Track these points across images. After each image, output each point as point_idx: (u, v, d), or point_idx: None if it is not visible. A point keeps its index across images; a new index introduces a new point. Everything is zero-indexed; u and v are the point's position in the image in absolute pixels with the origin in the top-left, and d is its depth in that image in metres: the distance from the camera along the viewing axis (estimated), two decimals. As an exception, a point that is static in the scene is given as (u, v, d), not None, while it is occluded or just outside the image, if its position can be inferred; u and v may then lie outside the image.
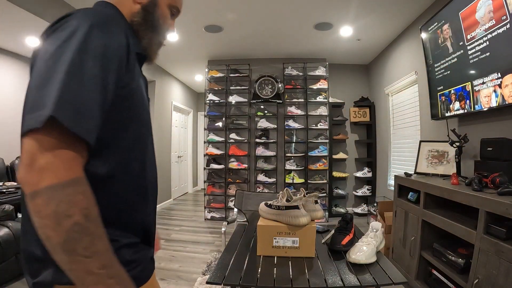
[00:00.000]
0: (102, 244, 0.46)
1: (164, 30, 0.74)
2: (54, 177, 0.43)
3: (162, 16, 0.72)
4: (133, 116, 0.60)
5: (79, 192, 0.45)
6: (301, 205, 1.15)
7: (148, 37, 0.70)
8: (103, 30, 0.53)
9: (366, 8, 2.89)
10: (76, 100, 0.46)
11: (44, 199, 0.42)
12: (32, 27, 2.61)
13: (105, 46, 0.52)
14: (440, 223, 1.74)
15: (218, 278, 0.98)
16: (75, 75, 0.46)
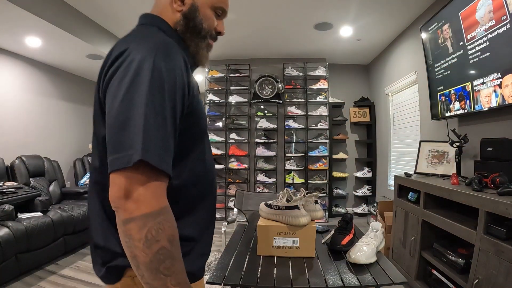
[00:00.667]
0: (179, 265, 0.52)
1: (210, 32, 0.74)
2: (148, 207, 0.49)
3: (206, 19, 0.71)
4: (198, 129, 0.66)
5: (167, 220, 0.51)
6: (301, 205, 1.15)
7: (194, 42, 0.71)
8: (166, 62, 0.56)
9: (366, 8, 2.89)
10: (158, 140, 0.51)
11: (138, 224, 0.49)
12: (32, 27, 2.61)
13: (170, 80, 0.55)
14: (440, 223, 1.74)
15: (218, 278, 0.98)
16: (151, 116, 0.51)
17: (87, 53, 3.38)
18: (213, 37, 0.76)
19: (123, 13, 3.00)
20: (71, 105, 4.26)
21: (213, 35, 0.75)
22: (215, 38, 0.77)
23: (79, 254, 2.83)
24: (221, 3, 0.74)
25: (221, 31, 0.76)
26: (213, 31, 0.75)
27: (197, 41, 0.72)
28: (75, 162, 4.03)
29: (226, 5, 0.76)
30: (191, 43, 0.71)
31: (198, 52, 0.73)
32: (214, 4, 0.72)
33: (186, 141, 0.62)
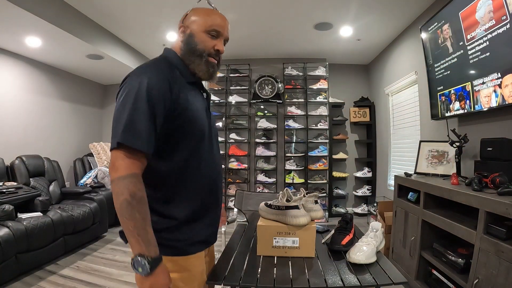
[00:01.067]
0: (138, 214, 0.74)
1: (207, 51, 0.92)
2: (120, 173, 0.75)
3: (200, 41, 0.92)
4: (187, 131, 0.87)
5: (131, 182, 0.75)
6: (301, 205, 1.15)
7: (193, 61, 0.92)
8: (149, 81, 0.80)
9: (366, 8, 2.89)
10: (135, 130, 0.76)
11: (114, 184, 0.75)
12: (32, 27, 2.61)
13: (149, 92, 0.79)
14: (440, 223, 1.74)
15: (218, 278, 0.98)
16: (132, 115, 0.77)
17: (87, 53, 3.38)
18: (212, 55, 0.94)
19: (123, 13, 3.00)
20: (71, 105, 4.26)
21: (211, 53, 0.94)
22: (215, 56, 0.95)
23: (79, 254, 2.82)
24: (213, 26, 0.93)
25: (219, 49, 0.94)
26: (211, 50, 0.93)
27: (194, 59, 0.92)
28: (75, 162, 4.03)
29: (219, 27, 0.94)
30: (190, 63, 0.93)
31: (196, 68, 0.93)
32: (207, 29, 0.92)
33: (175, 138, 0.85)
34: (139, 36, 3.63)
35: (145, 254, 0.74)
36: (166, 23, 3.24)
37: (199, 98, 0.94)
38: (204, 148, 0.92)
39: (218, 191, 1.00)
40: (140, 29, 3.39)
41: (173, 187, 0.87)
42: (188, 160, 0.88)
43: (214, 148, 0.99)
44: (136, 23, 3.25)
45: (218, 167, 1.01)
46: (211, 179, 0.96)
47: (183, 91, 0.86)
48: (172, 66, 0.90)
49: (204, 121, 0.92)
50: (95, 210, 3.15)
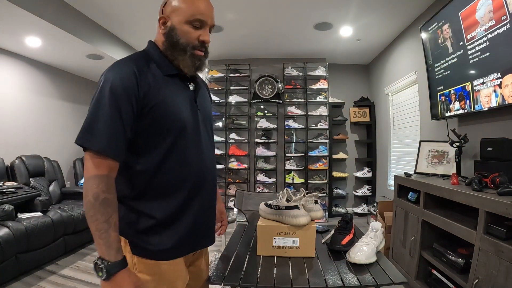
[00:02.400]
0: (101, 216, 0.72)
1: (191, 44, 0.85)
2: (87, 173, 0.74)
3: (183, 34, 0.84)
4: (161, 127, 0.81)
5: (94, 183, 0.72)
6: (301, 205, 1.15)
7: (176, 57, 0.86)
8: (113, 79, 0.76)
9: (366, 8, 2.89)
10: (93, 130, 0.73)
11: (84, 184, 0.75)
12: (32, 27, 2.61)
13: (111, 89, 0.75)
14: (440, 223, 1.74)
15: (218, 278, 0.98)
16: (93, 113, 0.75)
17: (87, 53, 3.38)
18: (197, 47, 0.86)
19: (123, 13, 3.00)
20: (71, 105, 4.26)
21: (196, 45, 0.86)
22: (200, 48, 0.87)
23: (79, 254, 2.83)
24: (196, 15, 0.84)
25: (203, 40, 0.86)
26: (195, 42, 0.86)
27: (177, 55, 0.86)
28: (75, 162, 4.03)
29: (202, 15, 0.85)
30: (173, 57, 0.86)
31: (181, 64, 0.86)
32: (188, 19, 0.84)
33: (149, 135, 0.80)
34: (139, 36, 3.63)
35: (105, 258, 0.71)
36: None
37: (180, 91, 0.87)
38: (185, 144, 0.84)
39: (206, 193, 0.91)
40: (140, 29, 3.39)
41: (150, 186, 0.82)
42: (165, 158, 0.82)
43: (203, 145, 0.90)
44: (136, 23, 3.25)
45: (207, 165, 0.91)
46: (196, 179, 0.87)
47: (156, 85, 0.81)
48: (148, 59, 0.85)
49: (185, 115, 0.85)
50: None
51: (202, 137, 0.90)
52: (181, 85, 0.89)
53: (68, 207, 2.95)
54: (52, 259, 2.60)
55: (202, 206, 0.89)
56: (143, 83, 0.79)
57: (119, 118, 0.75)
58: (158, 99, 0.80)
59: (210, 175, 0.93)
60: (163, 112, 0.80)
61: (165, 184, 0.82)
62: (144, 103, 0.78)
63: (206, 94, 1.04)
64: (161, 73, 0.84)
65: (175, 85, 0.86)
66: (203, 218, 0.91)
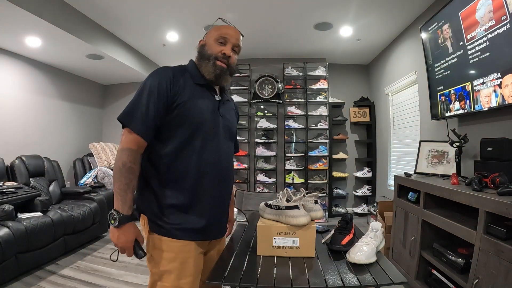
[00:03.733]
0: (124, 179, 0.92)
1: (215, 55, 1.06)
2: (121, 146, 0.95)
3: (210, 48, 1.07)
4: (183, 121, 0.99)
5: (124, 154, 0.93)
6: (301, 205, 1.15)
7: (202, 65, 1.08)
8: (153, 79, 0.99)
9: (366, 8, 2.89)
10: (132, 113, 0.96)
11: (117, 152, 0.96)
12: (32, 27, 2.61)
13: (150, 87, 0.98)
14: (440, 223, 1.74)
15: (218, 278, 0.98)
16: (134, 101, 0.97)
17: (87, 53, 3.38)
18: (219, 58, 1.06)
19: (123, 13, 3.00)
20: (71, 105, 4.26)
21: (218, 56, 1.06)
22: (222, 59, 1.06)
23: (79, 254, 2.82)
24: (221, 35, 1.08)
25: (225, 52, 1.06)
26: (218, 54, 1.06)
27: (203, 62, 1.08)
28: (75, 162, 4.03)
29: (226, 35, 1.08)
30: (200, 66, 1.08)
31: (204, 69, 1.07)
32: (216, 38, 1.08)
33: (171, 126, 0.99)
34: (139, 36, 3.63)
35: (119, 210, 0.91)
36: (166, 23, 3.24)
37: (205, 97, 1.06)
38: (202, 139, 1.01)
39: (220, 188, 1.07)
40: (140, 29, 3.39)
41: (170, 170, 0.99)
42: (181, 148, 0.99)
43: (221, 146, 1.07)
44: (136, 23, 3.25)
45: (223, 164, 1.08)
46: (211, 172, 1.03)
47: (187, 88, 1.01)
48: (185, 70, 1.07)
49: (204, 115, 1.03)
50: (95, 210, 3.15)
51: (221, 140, 1.07)
52: (207, 93, 1.08)
53: (68, 207, 2.95)
54: (52, 259, 2.60)
55: (214, 198, 1.04)
56: (175, 85, 1.00)
57: (153, 108, 0.96)
58: (185, 98, 1.00)
59: (225, 173, 1.09)
60: (186, 109, 0.99)
61: (182, 169, 0.99)
62: (173, 100, 0.98)
63: (233, 111, 1.22)
64: (192, 81, 1.05)
65: (202, 92, 1.06)
66: (215, 209, 1.05)
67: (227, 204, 1.15)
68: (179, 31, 3.45)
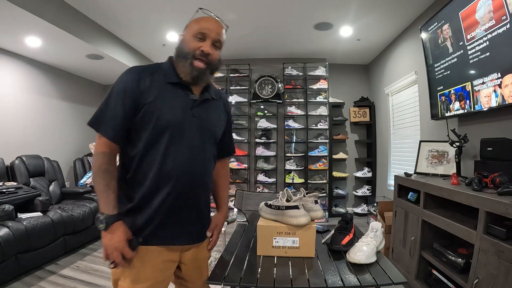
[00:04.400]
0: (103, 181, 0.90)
1: (192, 53, 0.96)
2: (94, 150, 0.94)
3: (187, 45, 0.98)
4: (148, 122, 0.93)
5: (99, 158, 0.92)
6: (301, 205, 1.15)
7: (178, 62, 0.99)
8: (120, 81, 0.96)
9: (366, 8, 2.89)
10: (101, 116, 0.94)
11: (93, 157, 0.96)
12: (32, 27, 2.61)
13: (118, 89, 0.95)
14: (440, 223, 1.74)
15: (218, 278, 0.98)
16: (103, 105, 0.95)
17: (87, 53, 3.37)
18: (197, 56, 0.96)
19: (123, 13, 3.00)
20: (71, 105, 4.26)
21: (196, 54, 0.96)
22: (201, 57, 0.97)
23: (79, 254, 2.82)
24: (200, 29, 0.98)
25: (203, 49, 0.96)
26: (196, 51, 0.96)
27: (179, 61, 0.99)
28: (75, 162, 4.02)
29: (205, 30, 0.98)
30: (177, 65, 0.99)
31: (180, 70, 0.98)
32: (194, 33, 0.98)
33: (139, 127, 0.94)
34: (139, 36, 3.63)
35: (104, 212, 0.88)
36: (166, 23, 3.23)
37: (177, 98, 0.98)
38: (165, 145, 0.94)
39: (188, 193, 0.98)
40: (140, 29, 3.39)
41: (136, 172, 0.95)
42: (145, 151, 0.94)
43: (193, 152, 0.98)
44: (136, 23, 3.25)
45: (194, 169, 0.98)
46: (177, 177, 0.95)
47: (154, 88, 0.95)
48: (158, 68, 1.00)
49: (172, 118, 0.95)
50: (95, 210, 3.14)
51: (194, 143, 0.99)
52: (180, 92, 0.99)
53: (68, 207, 2.95)
54: (52, 259, 2.60)
55: (178, 205, 0.96)
56: (142, 85, 0.94)
57: (121, 111, 0.93)
58: (151, 99, 0.94)
59: (196, 179, 0.99)
60: (151, 110, 0.93)
61: (145, 173, 0.94)
62: (140, 101, 0.93)
63: (219, 110, 1.12)
64: (163, 80, 0.97)
65: (173, 91, 0.98)
66: (179, 217, 0.98)
67: (201, 211, 1.05)
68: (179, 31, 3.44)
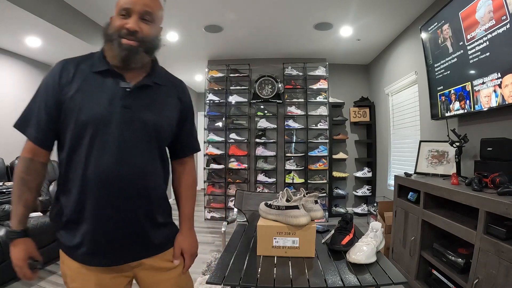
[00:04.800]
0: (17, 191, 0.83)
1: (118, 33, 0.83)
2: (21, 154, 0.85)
3: (112, 25, 0.86)
4: (70, 120, 0.81)
5: (19, 165, 0.84)
6: (301, 205, 1.15)
7: (107, 48, 0.86)
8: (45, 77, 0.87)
9: (366, 8, 2.89)
10: (25, 117, 0.85)
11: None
12: (32, 27, 2.61)
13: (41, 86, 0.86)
14: (440, 223, 1.74)
15: (218, 278, 0.98)
16: (28, 105, 0.86)
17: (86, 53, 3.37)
18: (123, 35, 0.82)
19: (123, 13, 3.00)
20: (71, 105, 4.25)
21: (122, 33, 0.82)
22: (127, 35, 0.82)
23: (79, 254, 2.82)
24: (122, 6, 0.84)
25: (127, 27, 0.82)
26: (121, 30, 0.82)
27: (106, 46, 0.86)
28: (75, 162, 4.02)
29: (128, 4, 0.83)
30: (106, 51, 0.87)
31: (108, 55, 0.86)
32: (118, 11, 0.85)
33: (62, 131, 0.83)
34: (139, 36, 3.63)
35: (11, 226, 0.82)
36: (166, 23, 3.23)
37: (103, 89, 0.83)
38: (87, 145, 0.79)
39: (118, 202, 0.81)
40: (140, 29, 3.39)
41: (62, 179, 0.84)
42: (71, 155, 0.81)
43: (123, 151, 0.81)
44: (136, 23, 3.25)
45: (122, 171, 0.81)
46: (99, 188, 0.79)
47: (76, 80, 0.82)
48: (86, 59, 0.87)
49: (94, 113, 0.80)
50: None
51: (123, 140, 0.81)
52: (108, 82, 0.84)
53: (68, 207, 2.95)
54: (52, 259, 2.59)
55: (109, 215, 0.81)
56: (64, 79, 0.83)
57: (44, 110, 0.82)
58: (71, 93, 0.81)
59: (127, 184, 0.82)
60: (71, 107, 0.81)
61: (72, 179, 0.81)
62: (61, 98, 0.81)
63: (165, 97, 0.92)
64: (90, 70, 0.84)
65: (99, 81, 0.84)
66: (114, 230, 0.82)
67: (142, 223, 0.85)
68: (179, 31, 3.45)
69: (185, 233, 0.98)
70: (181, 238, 0.97)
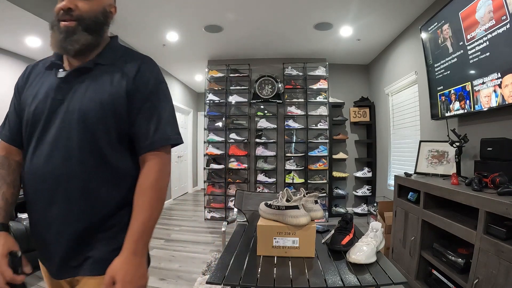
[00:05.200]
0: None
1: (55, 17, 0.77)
2: None
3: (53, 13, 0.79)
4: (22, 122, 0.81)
5: None
6: (301, 205, 1.15)
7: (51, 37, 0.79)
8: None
9: (366, 8, 2.89)
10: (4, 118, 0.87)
11: None
12: (32, 27, 2.61)
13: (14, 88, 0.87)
14: (440, 223, 1.74)
15: (218, 278, 0.98)
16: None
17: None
18: (60, 18, 0.75)
19: (123, 13, 3.00)
20: (71, 105, 4.25)
21: (59, 16, 0.75)
22: (63, 16, 0.74)
23: (79, 254, 2.82)
24: None
25: (61, 6, 0.74)
26: (58, 12, 0.75)
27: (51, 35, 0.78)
28: (75, 162, 4.02)
29: None
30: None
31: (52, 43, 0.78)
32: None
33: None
34: (139, 36, 3.63)
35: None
36: (166, 23, 3.23)
37: (45, 82, 0.79)
38: (27, 143, 0.78)
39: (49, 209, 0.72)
40: (140, 29, 3.39)
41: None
42: (24, 157, 0.79)
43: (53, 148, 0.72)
44: (136, 23, 3.25)
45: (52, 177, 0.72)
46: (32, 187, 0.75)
47: (31, 80, 0.84)
48: (49, 57, 0.87)
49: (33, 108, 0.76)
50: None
51: (54, 136, 0.73)
52: (50, 74, 0.80)
53: (68, 207, 2.95)
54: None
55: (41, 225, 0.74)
56: (25, 80, 0.86)
57: (13, 111, 0.85)
58: (24, 93, 0.83)
59: (54, 186, 0.72)
60: (22, 107, 0.81)
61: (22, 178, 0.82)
62: (21, 99, 0.83)
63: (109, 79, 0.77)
64: (43, 67, 0.85)
65: (45, 76, 0.81)
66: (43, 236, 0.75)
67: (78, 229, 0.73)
68: (179, 31, 3.45)
69: (124, 258, 0.71)
70: (118, 263, 0.70)
